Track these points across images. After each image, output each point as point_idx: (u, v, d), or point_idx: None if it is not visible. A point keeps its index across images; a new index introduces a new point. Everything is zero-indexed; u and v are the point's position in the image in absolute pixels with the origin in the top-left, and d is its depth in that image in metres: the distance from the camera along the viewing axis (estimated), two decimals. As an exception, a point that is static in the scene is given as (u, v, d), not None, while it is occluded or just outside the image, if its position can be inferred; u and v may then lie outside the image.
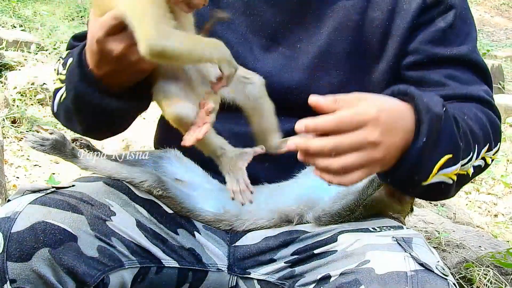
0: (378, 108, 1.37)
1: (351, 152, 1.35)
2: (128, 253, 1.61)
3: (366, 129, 1.35)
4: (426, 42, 1.82)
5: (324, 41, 1.84)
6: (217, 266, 1.75)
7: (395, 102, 1.44)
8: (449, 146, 1.48)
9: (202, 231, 1.76)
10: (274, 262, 1.71)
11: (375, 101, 1.39)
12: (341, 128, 1.35)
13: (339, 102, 1.37)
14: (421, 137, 1.41)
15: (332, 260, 1.58)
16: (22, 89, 4.99)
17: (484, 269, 2.71)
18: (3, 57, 5.60)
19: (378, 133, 1.36)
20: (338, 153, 1.35)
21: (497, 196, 4.35)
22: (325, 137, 1.35)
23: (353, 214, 1.70)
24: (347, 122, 1.35)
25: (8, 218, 1.49)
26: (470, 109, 1.70)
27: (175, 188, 1.75)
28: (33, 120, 4.71)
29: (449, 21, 1.83)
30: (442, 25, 1.83)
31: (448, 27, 1.83)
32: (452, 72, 1.81)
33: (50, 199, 1.55)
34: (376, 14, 1.84)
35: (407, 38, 1.83)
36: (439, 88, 1.79)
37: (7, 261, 1.45)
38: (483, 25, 11.84)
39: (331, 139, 1.35)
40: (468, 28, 1.87)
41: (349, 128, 1.34)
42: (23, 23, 6.98)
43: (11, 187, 3.68)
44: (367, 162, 1.37)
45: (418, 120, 1.42)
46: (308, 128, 1.35)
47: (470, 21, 1.89)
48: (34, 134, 1.69)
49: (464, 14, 1.87)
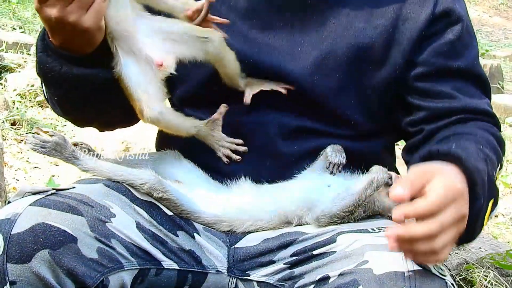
0: (458, 180, 1.44)
1: (450, 230, 1.39)
2: (127, 255, 1.61)
3: (457, 203, 1.41)
4: (435, 54, 1.85)
5: (325, 45, 1.85)
6: (217, 268, 1.75)
7: (452, 169, 1.49)
8: (490, 192, 1.56)
9: (202, 233, 1.76)
10: (273, 263, 1.71)
11: (445, 174, 1.44)
12: (441, 209, 1.38)
13: (414, 185, 1.39)
14: (478, 199, 1.49)
15: (331, 261, 1.58)
16: (22, 91, 4.99)
17: (484, 270, 2.71)
18: (3, 59, 5.60)
19: (466, 204, 1.44)
20: (439, 235, 1.38)
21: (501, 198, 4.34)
22: (427, 221, 1.37)
23: (352, 215, 1.71)
24: (444, 201, 1.38)
25: (8, 220, 1.49)
26: (482, 135, 1.76)
27: (175, 190, 1.75)
28: (33, 122, 4.70)
29: (457, 33, 1.86)
30: (451, 37, 1.85)
31: (456, 39, 1.86)
32: (459, 84, 1.86)
33: (50, 201, 1.55)
34: (380, 21, 1.86)
35: (414, 48, 1.85)
36: (449, 100, 1.84)
37: (7, 263, 1.45)
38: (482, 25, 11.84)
39: (436, 223, 1.37)
40: (472, 40, 1.91)
41: (446, 207, 1.38)
42: (23, 25, 6.97)
43: (11, 189, 3.67)
44: (457, 235, 1.43)
45: (472, 182, 1.48)
46: (409, 216, 1.36)
47: (473, 32, 1.93)
48: (34, 136, 1.69)
49: (469, 26, 1.90)
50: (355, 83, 1.86)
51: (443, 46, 1.85)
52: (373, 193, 1.71)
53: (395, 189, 1.37)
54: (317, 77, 1.84)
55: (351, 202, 1.70)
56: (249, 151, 1.87)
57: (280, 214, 1.76)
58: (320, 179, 1.80)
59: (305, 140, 1.87)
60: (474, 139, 1.71)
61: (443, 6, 1.85)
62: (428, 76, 1.86)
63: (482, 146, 1.68)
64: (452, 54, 1.86)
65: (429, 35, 1.85)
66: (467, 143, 1.63)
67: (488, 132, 1.80)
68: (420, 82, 1.86)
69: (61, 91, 1.80)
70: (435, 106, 1.85)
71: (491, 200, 1.58)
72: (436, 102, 1.85)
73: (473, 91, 1.88)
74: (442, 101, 1.85)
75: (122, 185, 1.71)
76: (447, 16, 1.86)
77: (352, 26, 1.86)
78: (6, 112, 4.57)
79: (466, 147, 1.59)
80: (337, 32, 1.86)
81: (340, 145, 1.83)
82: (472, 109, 1.84)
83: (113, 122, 2.04)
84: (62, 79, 1.73)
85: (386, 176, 1.73)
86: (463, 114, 1.84)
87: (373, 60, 1.86)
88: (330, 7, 1.87)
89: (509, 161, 4.94)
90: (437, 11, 1.85)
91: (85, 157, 1.73)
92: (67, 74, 1.71)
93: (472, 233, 1.55)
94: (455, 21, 1.86)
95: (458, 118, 1.84)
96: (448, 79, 1.86)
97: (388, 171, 1.77)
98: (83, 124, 2.04)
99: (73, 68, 1.71)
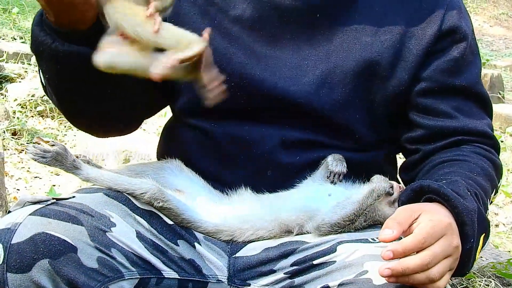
0: (445, 216, 1.50)
1: (443, 259, 1.43)
2: (128, 264, 1.61)
3: (447, 236, 1.45)
4: (439, 70, 1.87)
5: (332, 59, 1.86)
6: (217, 277, 1.74)
7: (440, 207, 1.54)
8: (481, 228, 1.59)
9: (203, 242, 1.76)
10: (274, 273, 1.70)
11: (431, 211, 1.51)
12: (429, 243, 1.42)
13: (401, 224, 1.45)
14: (468, 240, 1.53)
15: (331, 270, 1.58)
16: (22, 101, 4.99)
17: (485, 279, 2.71)
18: (4, 69, 5.60)
19: (457, 237, 1.49)
20: (433, 264, 1.42)
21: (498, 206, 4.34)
22: (419, 253, 1.41)
23: (353, 224, 1.71)
24: (432, 234, 1.43)
25: (8, 229, 1.49)
26: (477, 162, 1.79)
27: (176, 199, 1.75)
28: (34, 132, 4.71)
29: (461, 51, 1.88)
30: (455, 55, 1.87)
31: (460, 57, 1.88)
32: (459, 103, 1.88)
33: (50, 210, 1.55)
34: (387, 37, 1.87)
35: (419, 64, 1.87)
36: (447, 120, 1.87)
37: (7, 272, 1.45)
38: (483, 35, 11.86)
39: (427, 253, 1.41)
40: (475, 59, 1.93)
41: (434, 241, 1.42)
42: (24, 35, 6.98)
43: (12, 199, 3.67)
44: (453, 264, 1.48)
45: (461, 222, 1.53)
46: (398, 252, 1.39)
47: (477, 50, 1.96)
48: (35, 146, 1.69)
49: (473, 45, 1.93)
50: (361, 98, 1.87)
51: (447, 63, 1.87)
52: (374, 202, 1.71)
53: (383, 232, 1.42)
54: (323, 91, 1.85)
55: (352, 211, 1.70)
56: (250, 161, 1.87)
57: (280, 223, 1.76)
58: (321, 188, 1.80)
59: (307, 151, 1.87)
60: (468, 167, 1.74)
61: (450, 24, 1.87)
62: (430, 93, 1.87)
63: (476, 175, 1.72)
64: (455, 72, 1.87)
65: (435, 51, 1.87)
66: (458, 177, 1.65)
67: (484, 157, 1.84)
68: (421, 98, 1.88)
69: (52, 71, 1.77)
70: (434, 124, 1.87)
71: (482, 235, 1.61)
72: (435, 121, 1.87)
73: (473, 110, 1.89)
74: (441, 120, 1.87)
75: (122, 194, 1.71)
76: (453, 33, 1.87)
77: (359, 41, 1.87)
78: (7, 122, 4.57)
79: (457, 183, 1.61)
80: (344, 47, 1.87)
81: (341, 155, 1.83)
82: (470, 130, 1.87)
83: (109, 122, 1.97)
84: (52, 54, 1.71)
85: (387, 185, 1.74)
86: (460, 135, 1.87)
87: (379, 75, 1.86)
88: (338, 22, 1.88)
89: (510, 170, 4.94)
90: (444, 28, 1.87)
91: (86, 166, 1.73)
92: (57, 49, 1.69)
93: (464, 268, 1.58)
94: (460, 39, 1.88)
95: (455, 140, 1.87)
96: (449, 97, 1.88)
97: (389, 180, 1.77)
98: (79, 122, 1.98)
99: (64, 44, 1.69)
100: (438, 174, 1.72)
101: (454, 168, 1.74)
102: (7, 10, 8.06)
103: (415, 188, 1.62)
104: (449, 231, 1.46)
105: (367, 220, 1.73)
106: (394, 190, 1.77)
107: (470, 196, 1.59)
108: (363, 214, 1.71)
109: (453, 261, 1.47)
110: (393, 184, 1.77)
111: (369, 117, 1.88)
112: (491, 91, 7.47)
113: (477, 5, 13.20)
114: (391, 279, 1.40)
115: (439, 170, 1.76)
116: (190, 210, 1.76)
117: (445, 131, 1.87)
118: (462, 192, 1.58)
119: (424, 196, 1.59)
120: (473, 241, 1.54)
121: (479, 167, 1.77)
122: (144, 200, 1.71)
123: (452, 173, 1.71)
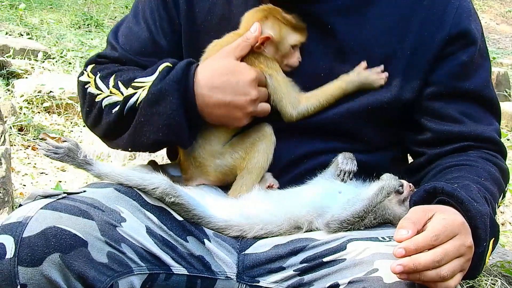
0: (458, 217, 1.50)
1: (455, 258, 1.43)
2: (137, 259, 1.61)
3: (460, 235, 1.45)
4: (448, 75, 1.87)
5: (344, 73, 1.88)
6: (226, 274, 1.74)
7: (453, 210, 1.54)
8: (492, 231, 1.60)
9: (212, 239, 1.76)
10: (283, 270, 1.70)
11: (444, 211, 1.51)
12: (440, 240, 1.42)
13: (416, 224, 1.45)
14: (481, 243, 1.54)
15: (341, 268, 1.58)
16: (29, 97, 5.00)
17: (492, 278, 2.70)
18: (10, 65, 5.61)
19: (470, 237, 1.48)
20: (444, 262, 1.42)
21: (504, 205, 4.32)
22: (431, 250, 1.41)
23: (363, 221, 1.71)
24: (444, 232, 1.43)
25: (20, 223, 1.49)
26: (484, 167, 1.80)
27: (187, 195, 1.75)
28: (40, 128, 4.71)
29: (470, 55, 1.88)
30: (464, 59, 1.88)
31: (469, 61, 1.88)
32: (467, 107, 1.89)
33: (61, 205, 1.55)
34: (398, 46, 1.87)
35: (430, 69, 1.87)
36: (454, 124, 1.88)
37: (18, 266, 1.45)
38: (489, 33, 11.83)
39: (439, 250, 1.41)
40: (485, 62, 1.93)
41: (446, 239, 1.43)
42: (30, 31, 6.99)
43: (18, 194, 3.68)
44: (466, 265, 1.48)
45: (475, 226, 1.53)
46: (409, 250, 1.40)
47: (487, 54, 1.95)
48: (47, 142, 1.70)
49: (483, 48, 1.92)
50: (371, 105, 1.87)
51: (456, 68, 1.87)
52: (384, 199, 1.71)
53: (398, 231, 1.42)
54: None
55: (361, 208, 1.70)
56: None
57: (290, 219, 1.76)
58: (331, 185, 1.80)
59: (316, 157, 1.89)
60: (476, 172, 1.75)
61: (459, 28, 1.87)
62: (438, 96, 1.88)
63: (483, 179, 1.72)
64: (463, 76, 1.87)
65: (444, 56, 1.87)
66: (469, 181, 1.66)
67: (491, 162, 1.84)
68: (430, 101, 1.88)
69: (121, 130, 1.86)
70: (441, 129, 1.87)
71: (492, 239, 1.61)
72: (442, 125, 1.87)
73: (480, 114, 1.89)
74: (448, 124, 1.87)
75: (132, 190, 1.71)
76: (462, 38, 1.87)
77: (371, 52, 1.88)
78: (13, 118, 4.57)
79: (469, 187, 1.62)
80: (354, 58, 1.88)
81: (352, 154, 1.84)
82: (476, 136, 1.87)
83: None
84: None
85: (397, 183, 1.73)
86: (467, 141, 1.87)
87: (391, 85, 1.87)
88: (349, 31, 1.88)
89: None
90: (452, 32, 1.86)
91: (98, 162, 1.73)
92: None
93: (475, 271, 1.57)
94: (469, 43, 1.88)
95: (461, 146, 1.87)
96: (457, 101, 1.88)
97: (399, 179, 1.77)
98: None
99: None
100: (447, 178, 1.72)
101: (462, 172, 1.74)
102: (14, 6, 8.08)
103: (429, 189, 1.62)
104: (462, 230, 1.46)
105: (377, 218, 1.73)
106: (404, 188, 1.77)
107: (482, 200, 1.59)
108: (373, 212, 1.71)
109: (465, 261, 1.47)
110: (403, 183, 1.77)
111: (378, 122, 1.89)
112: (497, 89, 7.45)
113: (484, 2, 13.19)
114: (402, 275, 1.39)
115: (447, 175, 1.76)
116: (200, 205, 1.77)
117: (451, 136, 1.87)
118: (474, 195, 1.58)
119: (436, 198, 1.59)
120: (486, 244, 1.55)
121: (486, 172, 1.77)
122: (156, 196, 1.71)
123: (461, 177, 1.70)
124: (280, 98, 1.85)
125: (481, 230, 1.53)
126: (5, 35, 6.57)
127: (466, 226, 1.49)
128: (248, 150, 1.85)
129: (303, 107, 1.85)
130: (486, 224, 1.54)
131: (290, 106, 1.85)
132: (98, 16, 8.21)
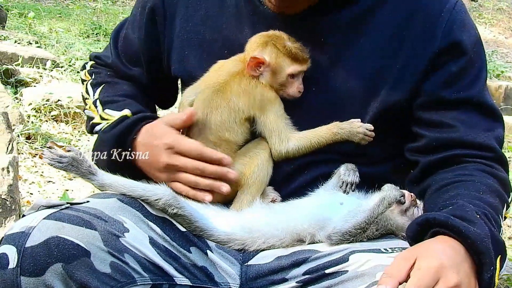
0: (444, 255, 1.46)
1: None
2: (140, 270, 1.62)
3: (442, 279, 1.41)
4: (437, 84, 1.87)
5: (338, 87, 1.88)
6: (229, 285, 1.75)
7: (440, 242, 1.52)
8: (497, 249, 1.55)
9: (215, 250, 1.77)
10: (286, 281, 1.70)
11: (428, 254, 1.47)
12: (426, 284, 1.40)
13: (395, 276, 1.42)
14: (487, 268, 1.50)
15: (343, 280, 1.58)
16: (37, 105, 5.01)
17: (497, 292, 2.69)
18: (19, 74, 5.64)
19: (454, 272, 1.44)
20: None
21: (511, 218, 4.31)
22: None
23: (365, 232, 1.70)
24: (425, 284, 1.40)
25: (23, 233, 1.50)
26: (481, 180, 1.76)
27: (189, 207, 1.75)
28: (48, 136, 4.72)
29: (460, 65, 1.88)
30: (453, 70, 1.87)
31: (458, 72, 1.87)
32: (461, 114, 1.86)
33: (64, 215, 1.56)
34: (390, 62, 1.88)
35: (421, 80, 1.87)
36: (447, 130, 1.85)
37: (21, 276, 1.46)
38: (497, 46, 11.80)
39: None
40: (477, 70, 1.90)
41: (431, 284, 1.41)
42: (39, 40, 7.01)
43: (25, 203, 3.69)
44: None
45: (478, 252, 1.50)
46: None
47: (480, 61, 1.92)
48: (52, 151, 1.70)
49: (474, 57, 1.90)
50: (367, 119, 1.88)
51: (446, 78, 1.86)
52: (385, 210, 1.71)
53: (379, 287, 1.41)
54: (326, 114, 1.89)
55: (363, 219, 1.70)
56: None
57: (292, 232, 1.76)
58: (332, 197, 1.80)
59: (317, 167, 1.89)
60: (474, 186, 1.72)
61: (449, 39, 1.87)
62: (429, 106, 1.87)
63: (482, 193, 1.69)
64: (454, 86, 1.86)
65: (434, 67, 1.87)
66: (465, 200, 1.63)
67: (489, 174, 1.80)
68: (422, 111, 1.88)
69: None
70: (434, 135, 1.86)
71: (498, 257, 1.57)
72: (434, 132, 1.86)
73: (475, 121, 1.87)
74: (441, 130, 1.86)
75: (135, 200, 1.72)
76: (453, 49, 1.87)
77: (364, 67, 1.88)
78: (21, 126, 4.59)
79: (464, 208, 1.59)
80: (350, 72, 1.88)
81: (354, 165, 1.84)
82: (470, 142, 1.84)
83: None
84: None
85: (398, 193, 1.73)
86: (459, 148, 1.84)
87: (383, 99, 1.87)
88: (344, 47, 1.89)
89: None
90: (444, 44, 1.86)
91: (101, 172, 1.74)
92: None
93: None
94: (459, 54, 1.87)
95: (454, 155, 1.84)
96: (449, 109, 1.87)
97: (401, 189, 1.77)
98: None
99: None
100: (443, 199, 1.69)
101: (459, 190, 1.71)
102: (23, 14, 8.12)
103: (420, 222, 1.59)
104: (442, 272, 1.43)
105: (379, 229, 1.73)
106: (406, 198, 1.77)
107: (480, 219, 1.56)
108: (375, 223, 1.71)
109: None
110: (404, 193, 1.77)
111: (376, 136, 1.88)
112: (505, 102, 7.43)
113: (493, 16, 13.15)
114: None
115: (444, 194, 1.73)
116: (203, 218, 1.77)
117: (444, 142, 1.85)
118: (470, 217, 1.55)
119: (431, 229, 1.57)
120: (493, 268, 1.51)
121: (485, 185, 1.74)
122: (158, 207, 1.72)
123: (458, 196, 1.68)
124: (269, 135, 1.89)
125: (485, 255, 1.50)
126: (14, 44, 6.59)
127: (446, 265, 1.44)
128: (247, 166, 1.85)
129: (294, 147, 1.87)
130: (488, 247, 1.51)
131: (278, 144, 1.88)
132: (107, 25, 8.23)
